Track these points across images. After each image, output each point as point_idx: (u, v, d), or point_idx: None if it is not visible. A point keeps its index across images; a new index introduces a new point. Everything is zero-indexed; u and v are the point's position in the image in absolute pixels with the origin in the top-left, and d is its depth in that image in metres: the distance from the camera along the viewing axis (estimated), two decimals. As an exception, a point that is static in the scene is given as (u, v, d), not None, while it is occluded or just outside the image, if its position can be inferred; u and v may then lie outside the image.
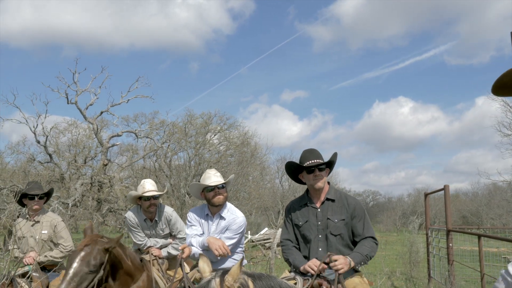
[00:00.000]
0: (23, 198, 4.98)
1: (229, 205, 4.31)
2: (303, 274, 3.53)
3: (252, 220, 25.04)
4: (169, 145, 25.07)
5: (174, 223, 5.08)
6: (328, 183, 3.85)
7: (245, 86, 58.43)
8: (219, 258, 4.01)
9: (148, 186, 4.96)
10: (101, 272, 3.66)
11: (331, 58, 61.29)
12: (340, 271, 3.35)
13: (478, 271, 9.00)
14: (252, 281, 2.68)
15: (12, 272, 4.26)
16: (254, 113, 57.99)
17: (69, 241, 5.03)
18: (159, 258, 4.94)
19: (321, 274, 3.44)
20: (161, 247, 5.06)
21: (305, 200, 3.83)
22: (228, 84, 55.70)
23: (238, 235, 4.16)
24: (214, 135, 25.68)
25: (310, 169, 3.68)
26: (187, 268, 5.14)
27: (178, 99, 52.97)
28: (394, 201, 56.74)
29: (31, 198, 4.92)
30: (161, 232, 5.09)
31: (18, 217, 5.26)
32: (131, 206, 18.96)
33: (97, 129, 21.16)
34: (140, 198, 4.95)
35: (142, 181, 5.08)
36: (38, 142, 20.29)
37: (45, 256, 4.80)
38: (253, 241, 19.81)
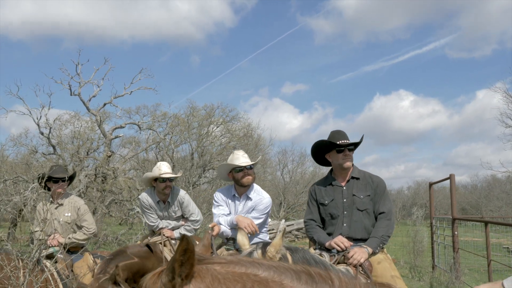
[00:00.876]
0: (47, 182, 5.05)
1: (255, 186, 4.41)
2: (329, 250, 3.64)
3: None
4: (171, 137, 25.13)
5: (186, 205, 5.19)
6: (353, 164, 3.96)
7: (246, 79, 58.38)
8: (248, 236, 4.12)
9: (164, 169, 5.06)
10: None
11: (332, 51, 61.19)
12: (361, 262, 3.46)
13: (484, 257, 9.14)
14: (290, 253, 2.78)
15: (38, 254, 4.34)
16: (254, 106, 57.99)
17: (92, 224, 5.13)
18: (171, 239, 5.05)
19: (346, 250, 3.55)
20: (173, 229, 5.16)
21: (330, 180, 3.95)
22: (229, 77, 55.65)
23: (265, 215, 4.27)
24: (217, 127, 25.72)
25: (341, 149, 3.79)
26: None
27: (179, 92, 52.92)
28: (394, 193, 56.97)
29: (55, 181, 4.99)
30: (173, 214, 5.20)
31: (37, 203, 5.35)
32: (135, 197, 19.08)
33: (100, 121, 21.19)
34: (156, 180, 5.05)
35: (158, 163, 5.20)
36: (42, 133, 20.33)
37: (69, 238, 4.89)
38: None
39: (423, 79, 63.83)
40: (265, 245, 2.73)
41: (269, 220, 20.87)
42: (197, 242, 5.20)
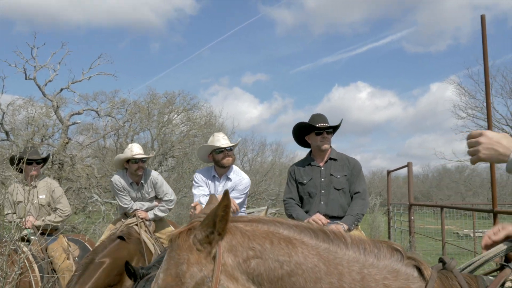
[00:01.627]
0: (20, 164, 4.97)
1: (234, 167, 4.53)
2: None
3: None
4: (131, 125, 24.75)
5: (160, 186, 5.23)
6: (331, 146, 4.15)
7: (206, 68, 58.06)
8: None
9: (136, 150, 5.08)
10: None
11: (293, 42, 61.72)
12: None
13: (438, 240, 9.65)
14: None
15: (17, 236, 4.30)
16: (214, 95, 57.82)
17: (67, 206, 5.09)
18: (146, 220, 5.10)
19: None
20: (147, 210, 5.20)
21: (309, 161, 4.13)
22: (189, 65, 55.14)
23: (244, 195, 4.39)
24: (177, 115, 25.52)
25: (320, 131, 3.96)
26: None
27: (138, 78, 51.95)
28: (348, 183, 58.15)
29: (29, 163, 4.91)
30: (146, 195, 5.23)
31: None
32: (93, 184, 18.73)
33: (57, 106, 20.61)
34: (128, 161, 5.05)
35: (130, 145, 5.21)
36: (-5, 119, 19.60)
37: (43, 220, 4.84)
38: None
39: (381, 71, 65.55)
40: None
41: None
42: (171, 227, 5.28)
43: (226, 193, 1.40)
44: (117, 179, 5.14)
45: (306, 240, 1.49)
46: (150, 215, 5.15)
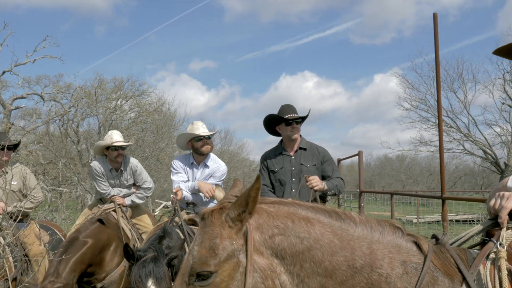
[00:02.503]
0: None
1: (212, 155, 4.68)
2: None
3: (166, 187, 25.10)
4: (76, 110, 24.05)
5: (139, 173, 5.31)
6: (300, 135, 4.38)
7: (153, 53, 56.99)
8: (207, 199, 4.40)
9: (116, 137, 5.12)
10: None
11: (241, 29, 61.71)
12: (315, 188, 3.88)
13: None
14: None
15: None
16: (161, 81, 56.96)
17: (39, 192, 5.05)
18: (123, 206, 5.17)
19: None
20: (124, 196, 5.27)
21: (280, 150, 4.34)
22: (135, 49, 53.88)
23: (221, 181, 4.57)
24: (126, 101, 25.05)
25: (289, 122, 4.17)
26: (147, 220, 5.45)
27: (82, 62, 50.15)
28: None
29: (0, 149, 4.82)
30: (125, 182, 5.29)
31: None
32: (40, 172, 18.13)
33: (-1, 90, 19.79)
34: (108, 148, 5.10)
35: (110, 132, 5.23)
36: None
37: (15, 206, 4.79)
38: (168, 207, 20.00)
39: (327, 61, 66.94)
40: None
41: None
42: (147, 217, 5.38)
43: (258, 177, 1.58)
44: (97, 165, 5.16)
45: (322, 219, 1.69)
46: (127, 201, 5.21)
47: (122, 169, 5.23)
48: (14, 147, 5.02)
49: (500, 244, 1.72)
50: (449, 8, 51.54)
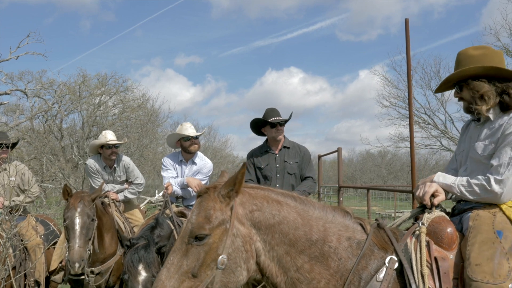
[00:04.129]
0: None
1: (199, 153, 5.09)
2: None
3: (150, 182, 25.37)
4: (60, 106, 24.09)
5: (132, 170, 5.69)
6: (284, 135, 4.80)
7: (137, 48, 56.78)
8: (195, 194, 4.80)
9: (110, 136, 5.51)
10: (96, 219, 4.35)
11: (227, 24, 61.80)
12: None
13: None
14: None
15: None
16: (146, 76, 56.80)
17: (36, 187, 5.38)
18: (116, 201, 5.53)
19: None
20: (118, 192, 5.63)
21: (265, 148, 4.76)
22: (120, 44, 53.62)
23: (207, 177, 4.98)
24: (110, 97, 25.14)
25: (274, 124, 4.59)
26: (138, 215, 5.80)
27: (65, 56, 49.69)
28: (277, 167, 59.60)
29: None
30: (118, 178, 5.66)
31: None
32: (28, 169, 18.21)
33: (-19, 86, 19.78)
34: (102, 147, 5.47)
35: (103, 131, 5.61)
36: None
37: (13, 201, 5.10)
38: (152, 202, 20.31)
39: (313, 57, 67.43)
40: None
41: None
42: (138, 211, 5.75)
43: (244, 164, 2.07)
44: (92, 163, 5.54)
45: (289, 202, 2.19)
46: (120, 196, 5.57)
47: (115, 166, 5.60)
48: (12, 145, 5.33)
49: (422, 224, 2.27)
50: (434, 5, 52.41)
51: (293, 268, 2.08)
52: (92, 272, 4.61)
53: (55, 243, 5.24)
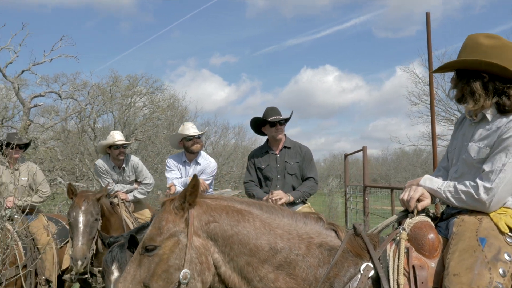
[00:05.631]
0: (3, 148, 5.32)
1: (202, 153, 5.07)
2: None
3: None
4: (93, 107, 24.62)
5: (141, 170, 5.73)
6: (285, 135, 4.70)
7: (173, 48, 57.43)
8: None
9: (118, 137, 5.59)
10: (100, 218, 4.39)
11: (262, 23, 61.77)
12: (280, 202, 4.23)
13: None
14: None
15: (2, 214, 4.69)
16: (181, 76, 57.38)
17: (47, 188, 5.50)
18: (126, 201, 5.57)
19: None
20: (127, 192, 5.67)
21: (266, 149, 4.68)
22: (156, 45, 54.36)
23: (212, 177, 4.96)
24: (140, 98, 25.57)
25: (273, 124, 4.50)
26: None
27: (99, 58, 50.85)
28: (310, 166, 59.18)
29: (12, 148, 5.25)
30: (127, 178, 5.71)
31: None
32: (58, 167, 18.68)
33: (18, 88, 20.38)
34: (110, 147, 5.54)
35: (112, 132, 5.69)
36: (-46, 100, 19.19)
37: (25, 201, 5.22)
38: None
39: (349, 54, 66.56)
40: None
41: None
42: (148, 211, 5.77)
43: (194, 176, 2.05)
44: (101, 163, 5.64)
45: (253, 212, 2.15)
46: (130, 196, 5.64)
47: (124, 166, 5.65)
48: (24, 146, 5.47)
49: (403, 229, 2.15)
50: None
51: (256, 278, 2.04)
52: (99, 271, 4.65)
53: (68, 242, 5.33)
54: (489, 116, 2.24)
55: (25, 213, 5.07)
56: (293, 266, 2.03)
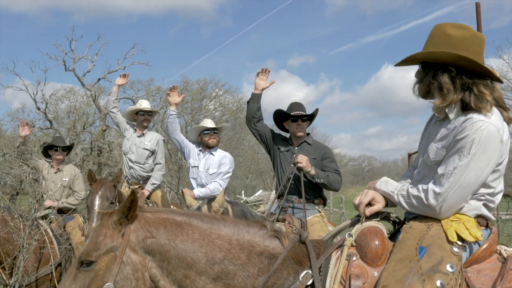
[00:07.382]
0: (49, 150, 5.86)
1: (218, 149, 5.30)
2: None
3: (248, 183, 25.93)
4: (165, 111, 25.59)
5: (160, 151, 6.00)
6: (308, 133, 4.56)
7: (252, 50, 58.15)
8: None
9: (145, 104, 6.00)
10: (116, 203, 4.56)
11: (340, 21, 60.77)
12: (299, 165, 4.03)
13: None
14: (230, 206, 3.44)
15: (35, 214, 5.00)
16: (260, 78, 57.68)
17: (82, 191, 5.86)
18: (146, 197, 5.70)
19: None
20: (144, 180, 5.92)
21: (287, 140, 4.57)
22: (234, 48, 55.27)
23: (229, 173, 5.16)
24: (210, 101, 26.20)
25: (295, 119, 4.37)
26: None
27: (174, 65, 52.88)
28: (389, 165, 57.69)
29: (55, 150, 5.78)
30: (143, 144, 5.94)
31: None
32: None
33: (95, 95, 21.63)
34: (137, 113, 5.92)
35: (140, 100, 6.17)
36: (39, 108, 20.78)
37: (62, 202, 5.57)
38: (247, 202, 20.73)
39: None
40: (209, 201, 3.38)
41: (261, 190, 21.55)
42: (172, 207, 5.88)
43: (132, 191, 2.01)
44: (128, 121, 6.07)
45: (193, 223, 2.10)
46: (148, 187, 5.81)
47: (144, 132, 5.95)
48: (68, 148, 5.99)
49: (350, 235, 2.02)
50: None
51: None
52: None
53: None
54: (451, 115, 2.05)
55: (65, 214, 5.39)
56: (231, 276, 2.00)
